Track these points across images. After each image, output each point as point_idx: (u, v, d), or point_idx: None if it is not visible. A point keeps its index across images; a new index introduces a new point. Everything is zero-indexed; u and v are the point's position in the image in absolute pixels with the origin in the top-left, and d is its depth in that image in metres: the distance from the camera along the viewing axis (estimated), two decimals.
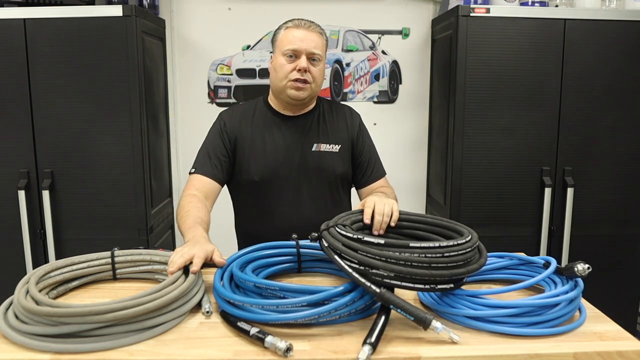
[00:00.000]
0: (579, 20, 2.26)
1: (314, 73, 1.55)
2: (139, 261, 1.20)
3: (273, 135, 1.60)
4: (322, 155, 1.60)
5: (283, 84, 1.55)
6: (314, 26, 1.58)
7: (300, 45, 1.53)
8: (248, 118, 1.63)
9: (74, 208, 2.23)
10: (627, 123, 2.34)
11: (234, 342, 0.93)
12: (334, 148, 1.62)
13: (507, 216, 2.37)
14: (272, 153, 1.58)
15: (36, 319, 0.91)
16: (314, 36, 1.55)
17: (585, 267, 1.01)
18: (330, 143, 1.62)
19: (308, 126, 1.63)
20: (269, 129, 1.61)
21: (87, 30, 2.13)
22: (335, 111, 1.69)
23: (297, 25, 1.57)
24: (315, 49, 1.54)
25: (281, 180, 1.58)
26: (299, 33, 1.55)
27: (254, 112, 1.65)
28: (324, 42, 1.60)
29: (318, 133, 1.62)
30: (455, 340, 0.91)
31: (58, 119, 2.18)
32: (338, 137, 1.64)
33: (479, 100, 2.29)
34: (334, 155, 1.61)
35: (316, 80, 1.57)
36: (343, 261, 0.99)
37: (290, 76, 1.53)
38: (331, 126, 1.65)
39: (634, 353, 0.90)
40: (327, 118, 1.66)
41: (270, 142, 1.59)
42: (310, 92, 1.56)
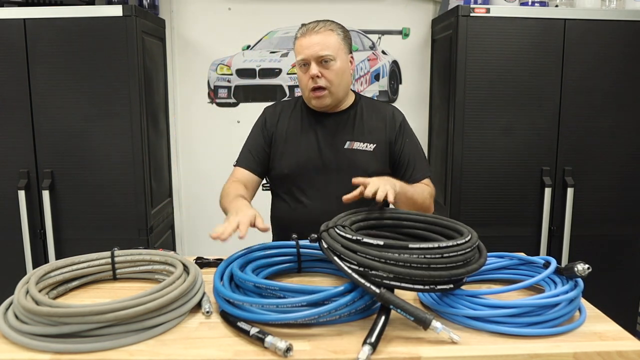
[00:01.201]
0: (579, 20, 2.26)
1: (328, 76, 1.53)
2: (139, 261, 1.20)
3: (308, 132, 1.63)
4: (354, 153, 1.60)
5: (306, 95, 1.59)
6: (320, 26, 1.55)
7: (307, 52, 1.52)
8: (287, 115, 1.66)
9: (74, 208, 2.23)
10: (627, 123, 2.34)
11: (234, 342, 0.93)
12: (369, 147, 1.60)
13: (507, 216, 2.36)
14: (304, 149, 1.61)
15: (36, 319, 0.91)
16: (319, 37, 1.53)
17: (585, 267, 1.01)
18: (364, 142, 1.61)
19: (343, 124, 1.63)
20: (305, 126, 1.64)
21: (87, 30, 2.13)
22: (375, 110, 1.67)
23: (303, 33, 1.55)
24: (322, 50, 1.52)
25: (311, 175, 1.60)
26: (304, 41, 1.54)
27: (294, 109, 1.68)
28: (337, 39, 1.56)
29: (352, 131, 1.62)
30: (455, 340, 0.91)
31: (58, 119, 2.18)
32: (374, 136, 1.62)
33: (479, 100, 2.29)
34: (367, 154, 1.60)
35: (333, 82, 1.54)
36: (342, 262, 0.99)
37: (308, 86, 1.55)
38: (368, 125, 1.63)
39: (634, 353, 0.90)
40: (364, 116, 1.64)
41: (305, 138, 1.62)
42: (330, 96, 1.56)
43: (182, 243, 2.85)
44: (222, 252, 1.36)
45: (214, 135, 2.79)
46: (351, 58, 1.63)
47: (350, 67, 1.62)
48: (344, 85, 1.59)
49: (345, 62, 1.59)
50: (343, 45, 1.58)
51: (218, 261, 1.34)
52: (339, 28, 1.59)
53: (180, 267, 1.09)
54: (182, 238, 2.85)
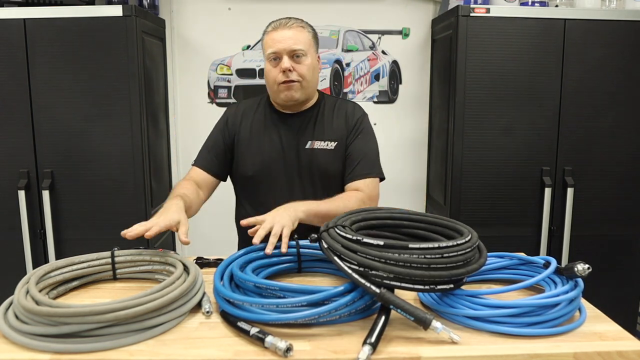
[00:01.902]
0: (579, 20, 2.26)
1: (300, 70, 1.52)
2: (139, 261, 1.20)
3: (271, 133, 1.61)
4: (315, 153, 1.58)
5: (275, 89, 1.55)
6: (292, 21, 1.55)
7: (279, 46, 1.51)
8: (250, 115, 1.64)
9: (74, 208, 2.23)
10: (627, 123, 2.34)
11: (234, 342, 0.93)
12: (329, 145, 1.58)
13: (507, 216, 2.36)
14: (267, 150, 1.59)
15: (36, 319, 0.91)
16: (292, 32, 1.52)
17: (585, 267, 1.01)
18: (325, 140, 1.58)
19: (305, 123, 1.61)
20: (268, 127, 1.61)
21: (87, 30, 2.13)
22: (337, 108, 1.64)
23: (275, 27, 1.55)
24: (296, 44, 1.51)
25: (274, 176, 1.58)
26: (277, 34, 1.53)
27: (257, 109, 1.66)
28: (308, 35, 1.56)
29: (314, 130, 1.60)
30: (455, 340, 0.91)
31: (58, 119, 2.18)
32: (335, 134, 1.59)
33: (479, 100, 2.29)
34: (328, 153, 1.58)
35: (305, 76, 1.53)
36: (342, 262, 0.99)
37: (277, 79, 1.52)
38: (329, 123, 1.61)
39: (634, 353, 0.90)
40: (326, 115, 1.62)
41: (268, 139, 1.60)
42: (301, 90, 1.54)
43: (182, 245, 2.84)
44: (222, 252, 1.36)
45: None
46: (318, 57, 1.62)
47: (318, 65, 1.62)
48: (314, 81, 1.59)
49: (315, 60, 1.59)
50: (313, 43, 1.59)
51: (218, 261, 1.34)
52: (309, 26, 1.59)
53: (180, 267, 1.09)
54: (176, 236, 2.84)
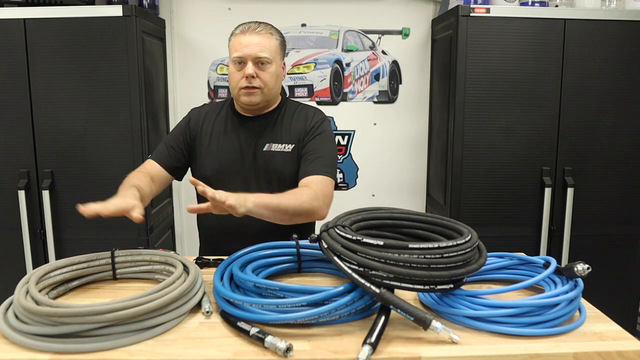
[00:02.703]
0: (579, 20, 2.26)
1: (263, 77, 1.52)
2: (139, 261, 1.20)
3: (231, 135, 1.60)
4: (272, 155, 1.57)
5: (236, 92, 1.55)
6: (261, 28, 1.53)
7: (245, 51, 1.50)
8: (211, 117, 1.65)
9: (74, 208, 2.21)
10: (627, 123, 2.34)
11: (234, 342, 0.93)
12: (286, 148, 1.57)
13: (507, 216, 2.37)
14: (226, 152, 1.59)
15: (36, 319, 0.91)
16: (259, 38, 1.51)
17: (585, 267, 1.01)
18: (282, 143, 1.58)
19: (264, 127, 1.60)
20: (228, 129, 1.62)
21: (87, 30, 2.13)
22: (298, 112, 1.63)
23: (243, 31, 1.53)
24: (262, 52, 1.50)
25: (231, 178, 1.58)
26: (244, 39, 1.51)
27: (219, 111, 1.66)
28: (275, 43, 1.55)
29: (272, 133, 1.59)
30: (455, 340, 0.91)
31: (58, 119, 2.18)
32: (292, 137, 1.58)
33: (479, 100, 2.29)
34: (284, 155, 1.57)
35: (267, 84, 1.53)
36: (342, 262, 0.99)
37: (240, 84, 1.52)
38: (287, 126, 1.60)
39: (634, 353, 0.90)
40: (285, 118, 1.62)
41: (227, 142, 1.60)
42: (262, 96, 1.54)
43: (182, 243, 2.85)
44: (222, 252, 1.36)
45: None
46: (284, 64, 1.62)
47: (282, 72, 1.61)
48: (276, 88, 1.58)
49: (280, 67, 1.58)
50: (279, 50, 1.57)
51: (218, 261, 1.34)
52: (277, 33, 1.57)
53: (180, 267, 1.10)
54: (182, 238, 2.85)
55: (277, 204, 1.32)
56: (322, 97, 2.77)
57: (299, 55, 2.75)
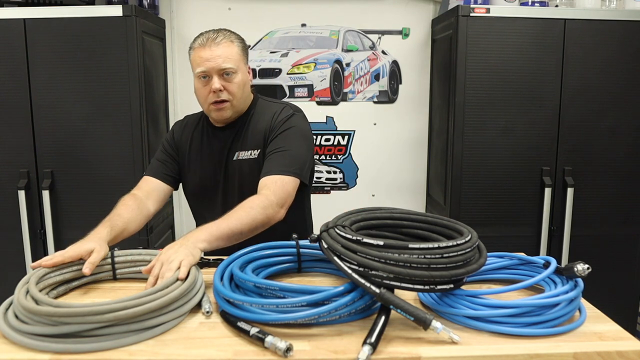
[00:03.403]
0: (579, 20, 2.26)
1: (230, 89, 1.48)
2: (139, 261, 1.20)
3: (207, 149, 1.59)
4: (241, 164, 1.54)
5: (206, 108, 1.53)
6: (220, 37, 1.47)
7: (208, 65, 1.45)
8: (190, 130, 1.63)
9: (74, 208, 2.23)
10: (627, 123, 2.34)
11: (234, 342, 0.93)
12: (253, 154, 1.53)
13: (507, 216, 2.37)
14: (205, 166, 1.58)
15: (36, 319, 0.91)
16: (221, 50, 1.46)
17: (585, 267, 1.01)
18: (248, 149, 1.53)
19: (232, 136, 1.56)
20: (204, 142, 1.60)
21: (87, 30, 2.13)
22: (264, 113, 1.56)
23: (202, 44, 1.47)
24: (225, 63, 1.45)
25: (211, 192, 1.57)
26: (204, 53, 1.46)
27: (198, 124, 1.63)
28: (237, 50, 1.50)
29: (240, 141, 1.55)
30: (456, 340, 0.90)
31: (58, 119, 2.18)
32: (257, 141, 1.53)
33: (479, 100, 2.29)
34: (252, 162, 1.52)
35: (235, 95, 1.49)
36: (342, 262, 0.99)
37: (208, 99, 1.49)
38: (252, 131, 1.55)
39: (634, 353, 0.90)
40: (252, 122, 1.56)
41: (205, 155, 1.58)
42: (232, 108, 1.51)
43: None
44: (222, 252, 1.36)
45: None
46: (249, 68, 1.57)
47: (249, 78, 1.57)
48: (244, 97, 1.54)
49: (245, 74, 1.53)
50: (242, 57, 1.52)
51: (218, 261, 1.33)
52: (237, 38, 1.52)
53: None
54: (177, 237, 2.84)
55: (229, 230, 1.26)
56: (322, 97, 2.77)
57: (299, 55, 2.75)
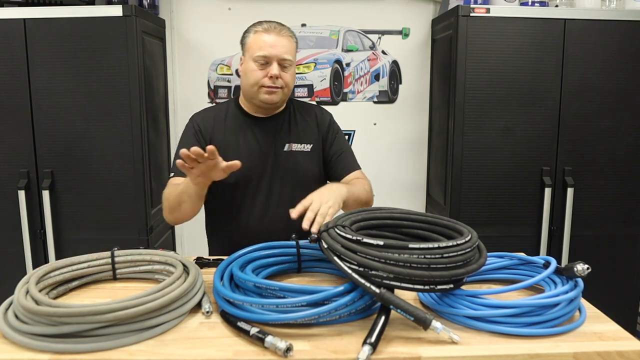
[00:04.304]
0: (579, 20, 2.26)
1: (285, 78, 1.55)
2: (139, 261, 1.19)
3: (246, 137, 1.60)
4: (294, 155, 1.60)
5: (255, 89, 1.55)
6: (284, 30, 1.56)
7: (271, 51, 1.51)
8: (221, 120, 1.63)
9: (74, 208, 2.23)
10: (627, 123, 2.34)
11: (234, 342, 0.93)
12: (306, 147, 1.62)
13: (507, 216, 2.37)
14: (246, 155, 1.57)
15: (36, 319, 0.91)
16: (284, 41, 1.54)
17: (585, 268, 1.01)
18: (301, 142, 1.62)
19: (279, 127, 1.62)
20: (242, 131, 1.61)
21: (87, 30, 2.13)
22: (306, 111, 1.69)
23: (267, 30, 1.54)
24: (287, 54, 1.53)
25: (255, 181, 1.59)
26: (270, 38, 1.52)
27: (226, 114, 1.64)
28: (295, 46, 1.59)
29: (289, 133, 1.62)
30: (456, 340, 0.91)
31: (58, 119, 2.18)
32: (309, 137, 1.64)
33: (479, 100, 2.29)
34: (305, 155, 1.62)
35: (288, 85, 1.57)
36: (342, 262, 0.99)
37: (261, 82, 1.53)
38: (302, 126, 1.64)
39: (634, 353, 0.90)
40: (297, 118, 1.66)
41: (244, 144, 1.60)
42: (282, 96, 1.57)
43: (182, 243, 2.85)
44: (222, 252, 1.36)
45: None
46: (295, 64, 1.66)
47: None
48: (291, 89, 1.62)
49: (294, 70, 1.62)
50: (295, 53, 1.61)
51: (218, 261, 1.34)
52: (294, 35, 1.60)
53: (180, 267, 1.09)
54: (182, 238, 2.85)
55: (359, 194, 1.48)
56: (322, 97, 2.77)
57: (299, 55, 2.73)
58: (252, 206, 1.59)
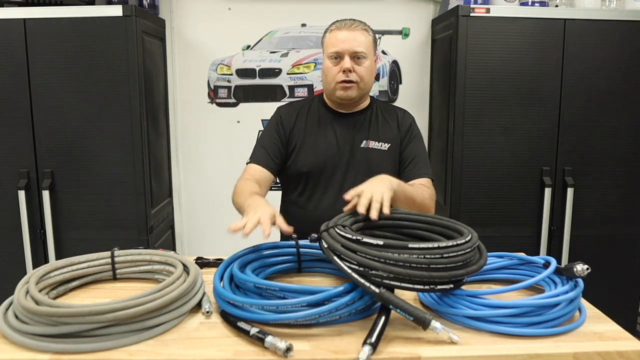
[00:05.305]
0: (579, 20, 2.26)
1: (359, 72, 1.57)
2: (139, 261, 1.19)
3: (326, 131, 1.65)
4: (370, 152, 1.63)
5: (332, 86, 1.60)
6: (356, 24, 1.60)
7: (342, 46, 1.56)
8: (303, 114, 1.69)
9: (74, 208, 2.23)
10: (627, 123, 2.34)
11: (234, 342, 0.93)
12: (383, 146, 1.64)
13: (507, 216, 2.36)
14: (322, 147, 1.63)
15: (36, 319, 0.91)
16: (356, 34, 1.57)
17: (584, 268, 1.01)
18: (379, 141, 1.64)
19: (360, 123, 1.66)
20: (322, 125, 1.66)
21: (87, 30, 2.13)
22: (388, 111, 1.71)
23: (339, 27, 1.60)
24: (359, 47, 1.56)
25: (328, 172, 1.63)
26: (341, 34, 1.58)
27: (309, 108, 1.70)
28: (369, 39, 1.61)
29: (368, 130, 1.65)
30: (455, 340, 0.90)
31: (58, 119, 2.18)
32: (388, 136, 1.66)
33: (478, 100, 2.29)
34: (382, 153, 1.64)
35: (363, 78, 1.59)
36: (342, 262, 0.99)
37: (337, 78, 1.58)
38: (382, 125, 1.67)
39: (634, 353, 0.90)
40: (379, 117, 1.68)
41: (323, 137, 1.64)
42: (358, 90, 1.60)
43: (182, 243, 2.85)
44: (222, 252, 1.36)
45: (214, 135, 2.79)
46: (376, 61, 1.68)
47: (375, 69, 1.67)
48: (370, 83, 1.64)
49: (373, 63, 1.64)
50: (373, 47, 1.64)
51: (218, 261, 1.34)
52: (370, 30, 1.63)
53: (180, 267, 1.09)
54: (182, 238, 2.85)
55: (411, 192, 1.44)
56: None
57: (299, 55, 2.75)
58: (323, 197, 1.62)
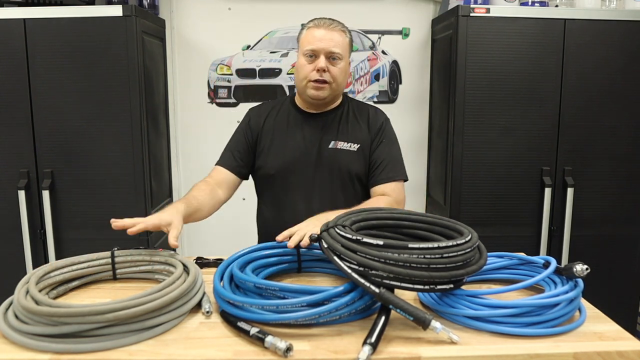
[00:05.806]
0: (579, 20, 2.26)
1: (333, 72, 1.56)
2: (139, 261, 1.20)
3: (294, 132, 1.63)
4: (338, 153, 1.61)
5: (303, 84, 1.58)
6: (335, 24, 1.59)
7: (319, 45, 1.54)
8: (273, 115, 1.68)
9: (74, 208, 2.23)
10: (627, 123, 2.34)
11: (234, 342, 0.93)
12: (352, 147, 1.61)
13: (507, 216, 2.36)
14: (290, 149, 1.61)
15: (36, 319, 0.91)
16: (334, 35, 1.56)
17: (584, 268, 1.01)
18: (348, 141, 1.62)
19: (329, 124, 1.64)
20: (291, 126, 1.64)
21: (87, 30, 2.13)
22: (360, 111, 1.68)
23: (317, 25, 1.58)
24: (335, 47, 1.55)
25: (296, 175, 1.61)
26: (319, 33, 1.56)
27: (280, 109, 1.69)
28: (346, 41, 1.60)
29: (337, 131, 1.63)
30: (455, 340, 0.90)
31: (58, 119, 2.18)
32: (358, 137, 1.63)
33: (478, 100, 2.29)
34: (351, 154, 1.61)
35: (336, 79, 1.57)
36: (342, 262, 0.99)
37: (309, 76, 1.56)
38: (352, 125, 1.64)
39: (634, 353, 0.90)
40: (349, 117, 1.66)
41: (291, 138, 1.63)
42: (330, 91, 1.58)
43: (182, 243, 2.85)
44: (222, 252, 1.36)
45: (214, 135, 2.78)
46: (350, 62, 1.67)
47: (349, 71, 1.66)
48: (343, 85, 1.62)
49: (348, 65, 1.63)
50: (348, 48, 1.63)
51: (218, 261, 1.34)
52: (348, 31, 1.62)
53: (180, 267, 1.10)
54: (182, 238, 2.85)
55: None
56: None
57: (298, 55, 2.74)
58: (294, 199, 1.61)
